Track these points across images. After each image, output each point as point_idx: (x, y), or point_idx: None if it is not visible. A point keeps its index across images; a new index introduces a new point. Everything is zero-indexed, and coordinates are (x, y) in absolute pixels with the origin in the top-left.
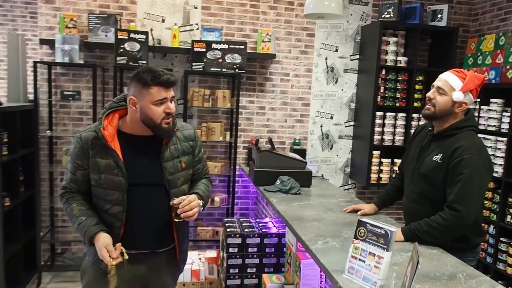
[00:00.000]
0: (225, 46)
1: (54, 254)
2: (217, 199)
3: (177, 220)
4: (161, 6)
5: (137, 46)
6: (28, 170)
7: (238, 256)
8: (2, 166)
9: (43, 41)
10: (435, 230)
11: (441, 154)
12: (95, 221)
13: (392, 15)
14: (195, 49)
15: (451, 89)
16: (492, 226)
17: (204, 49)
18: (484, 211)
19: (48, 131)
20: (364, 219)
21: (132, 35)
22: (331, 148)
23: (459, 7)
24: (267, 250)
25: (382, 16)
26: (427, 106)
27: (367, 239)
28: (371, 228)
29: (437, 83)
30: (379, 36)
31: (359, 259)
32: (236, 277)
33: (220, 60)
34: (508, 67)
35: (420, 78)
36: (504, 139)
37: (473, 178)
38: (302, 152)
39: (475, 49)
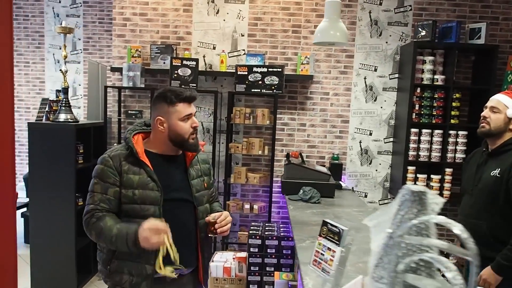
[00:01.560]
0: (265, 70)
1: None
2: (255, 206)
3: (211, 236)
4: (212, 36)
5: (188, 71)
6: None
7: (258, 256)
8: (77, 172)
9: (113, 69)
10: None
11: (499, 169)
12: (133, 225)
13: (426, 35)
14: (239, 73)
15: (504, 107)
16: None
17: (246, 72)
18: None
19: (115, 144)
20: (327, 220)
21: (184, 62)
22: (370, 163)
23: (506, 23)
24: (284, 251)
25: (417, 36)
26: (482, 124)
27: (327, 236)
28: (330, 227)
29: (490, 103)
30: (413, 56)
31: (321, 253)
32: (257, 274)
33: (260, 82)
34: None
35: (457, 95)
36: None
37: None
38: (338, 167)
39: None
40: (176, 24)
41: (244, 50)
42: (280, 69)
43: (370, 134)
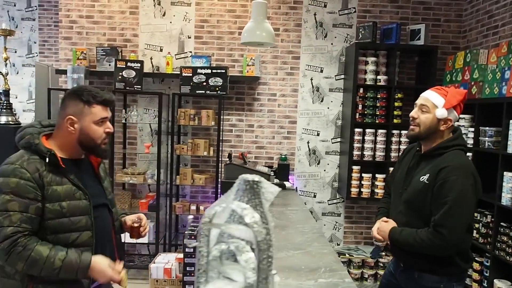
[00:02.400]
0: (209, 71)
1: None
2: (201, 208)
3: (135, 239)
4: (159, 38)
5: (133, 73)
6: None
7: (193, 256)
8: None
9: (58, 71)
10: (418, 246)
11: (428, 175)
12: (76, 250)
13: (367, 37)
14: (183, 74)
15: (433, 106)
16: None
17: (191, 74)
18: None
19: None
20: None
21: (129, 64)
22: (318, 163)
23: (448, 25)
24: None
25: (359, 38)
26: (411, 126)
27: None
28: None
29: (419, 101)
30: (355, 57)
31: None
32: (192, 274)
33: (205, 83)
34: (473, 83)
35: (399, 95)
36: (469, 154)
37: (459, 201)
38: (285, 167)
39: (452, 66)
40: (122, 27)
41: (191, 52)
42: (224, 70)
43: (318, 134)
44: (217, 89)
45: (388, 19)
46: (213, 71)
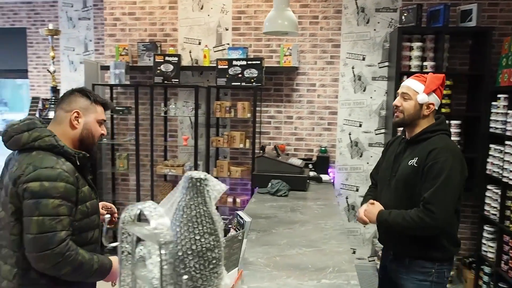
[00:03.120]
0: (244, 63)
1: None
2: (238, 200)
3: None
4: (197, 31)
5: (170, 67)
6: (92, 172)
7: None
8: None
9: (102, 67)
10: (407, 225)
11: (417, 158)
12: (99, 254)
13: (411, 20)
14: (219, 67)
15: (414, 93)
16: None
17: (227, 66)
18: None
19: (103, 139)
20: (238, 212)
21: (167, 58)
22: (360, 156)
23: (507, 3)
24: None
25: (402, 22)
26: (395, 114)
27: (236, 228)
28: (238, 219)
29: (400, 90)
30: (398, 42)
31: None
32: None
33: (240, 75)
34: None
35: (448, 82)
36: None
37: (449, 181)
38: (324, 160)
39: (508, 48)
40: (162, 22)
41: (228, 44)
42: (259, 62)
43: (360, 125)
44: (252, 80)
45: (437, 0)
46: (248, 62)
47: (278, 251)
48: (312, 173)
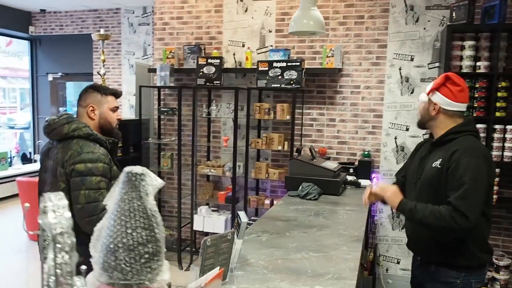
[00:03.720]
0: (284, 64)
1: None
2: (275, 202)
3: None
4: (241, 34)
5: (212, 69)
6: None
7: None
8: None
9: (150, 70)
10: (433, 220)
11: (441, 159)
12: None
13: (462, 17)
14: (260, 68)
15: (424, 95)
16: None
17: (267, 68)
18: None
19: (150, 139)
20: (239, 212)
21: (209, 60)
22: None
23: None
24: None
25: (453, 19)
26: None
27: (236, 228)
28: (238, 219)
29: None
30: (447, 41)
31: None
32: None
33: (280, 77)
34: None
35: (503, 84)
36: None
37: (475, 181)
38: (367, 164)
39: None
40: (208, 25)
41: (272, 46)
42: (299, 63)
43: (407, 129)
44: (291, 82)
45: None
46: (288, 64)
47: (283, 254)
48: (350, 178)
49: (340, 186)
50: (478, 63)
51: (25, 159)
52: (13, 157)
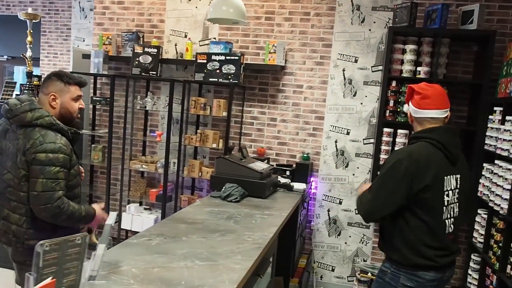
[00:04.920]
0: (222, 58)
1: None
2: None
3: None
4: (184, 23)
5: (149, 59)
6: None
7: None
8: None
9: (84, 56)
10: (356, 205)
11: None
12: (86, 204)
13: (404, 20)
14: (198, 61)
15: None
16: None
17: (205, 61)
18: None
19: (85, 130)
20: (112, 213)
21: (146, 49)
22: (346, 166)
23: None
24: None
25: (395, 22)
26: None
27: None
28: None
29: None
30: (387, 44)
31: None
32: None
33: (218, 71)
34: None
35: None
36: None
37: (384, 177)
38: (304, 167)
39: (509, 55)
40: (150, 12)
41: (215, 38)
42: (237, 57)
43: (348, 133)
44: (229, 77)
45: (441, 0)
46: (227, 57)
47: (165, 261)
48: (284, 180)
49: (267, 189)
50: (418, 68)
51: None
52: None
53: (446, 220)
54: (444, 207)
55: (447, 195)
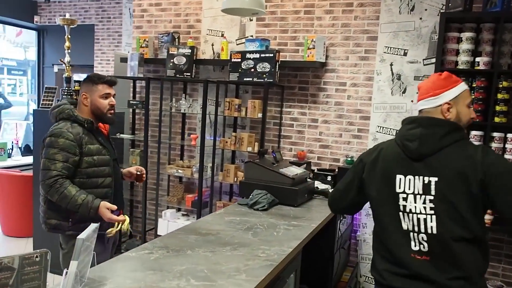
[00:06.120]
0: (257, 56)
1: None
2: None
3: (140, 183)
4: (221, 22)
5: (183, 60)
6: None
7: None
8: None
9: (122, 60)
10: None
11: None
12: (92, 196)
13: (459, 4)
14: (233, 60)
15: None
16: None
17: (240, 60)
18: None
19: (118, 134)
20: (93, 225)
21: (180, 50)
22: None
23: None
24: None
25: (449, 7)
26: None
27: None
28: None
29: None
30: (439, 32)
31: None
32: None
33: (252, 70)
34: None
35: (505, 84)
36: None
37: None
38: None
39: None
40: (187, 12)
41: (252, 36)
42: (272, 54)
43: None
44: (264, 75)
45: None
46: (262, 55)
47: (157, 279)
48: (324, 187)
49: (299, 196)
50: (477, 59)
51: (28, 151)
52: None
53: (411, 234)
54: (401, 213)
55: (404, 199)
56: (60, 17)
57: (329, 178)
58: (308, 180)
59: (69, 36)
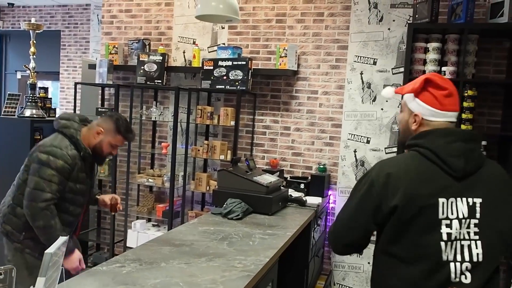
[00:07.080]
0: (229, 63)
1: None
2: None
3: (114, 213)
4: (192, 29)
5: (154, 67)
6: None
7: None
8: None
9: (90, 66)
10: None
11: None
12: (74, 240)
13: (425, 15)
14: (205, 67)
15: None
16: None
17: (212, 67)
18: None
19: None
20: (63, 238)
21: (151, 57)
22: None
23: None
24: None
25: (415, 18)
26: None
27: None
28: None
29: None
30: (407, 43)
31: None
32: None
33: (225, 77)
34: None
35: (470, 92)
36: None
37: (350, 197)
38: (320, 180)
39: None
40: (158, 19)
41: (224, 44)
42: (245, 62)
43: (368, 141)
44: (237, 83)
45: None
46: (234, 63)
47: None
48: (297, 194)
49: (274, 204)
50: (443, 68)
51: None
52: None
53: (452, 264)
54: (443, 243)
55: (449, 226)
56: (25, 22)
57: (302, 185)
58: (282, 188)
59: (35, 42)
